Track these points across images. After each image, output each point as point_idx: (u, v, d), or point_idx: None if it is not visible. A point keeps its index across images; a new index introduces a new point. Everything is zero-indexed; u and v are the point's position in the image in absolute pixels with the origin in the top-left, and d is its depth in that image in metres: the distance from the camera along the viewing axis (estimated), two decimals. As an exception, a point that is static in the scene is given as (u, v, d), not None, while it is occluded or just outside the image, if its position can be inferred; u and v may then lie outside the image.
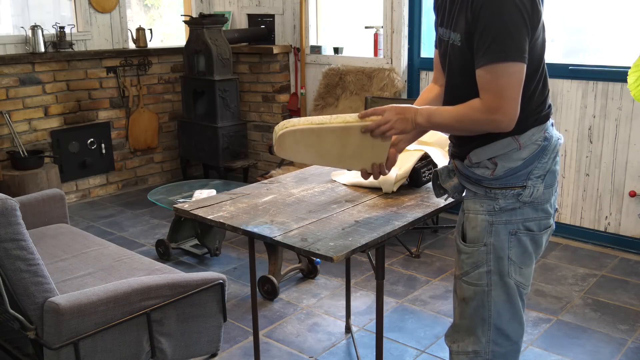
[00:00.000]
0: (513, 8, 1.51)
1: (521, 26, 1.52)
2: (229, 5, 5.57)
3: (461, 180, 1.77)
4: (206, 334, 2.42)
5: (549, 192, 1.72)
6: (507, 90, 1.55)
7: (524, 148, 1.66)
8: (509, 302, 1.75)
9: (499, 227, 1.70)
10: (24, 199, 3.05)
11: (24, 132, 4.58)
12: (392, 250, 3.85)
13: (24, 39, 4.56)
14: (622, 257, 3.74)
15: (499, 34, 1.52)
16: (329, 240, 1.72)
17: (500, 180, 1.68)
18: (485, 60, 1.55)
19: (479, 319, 1.76)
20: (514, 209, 1.69)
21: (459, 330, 1.82)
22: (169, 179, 5.57)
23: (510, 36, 1.52)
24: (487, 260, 1.72)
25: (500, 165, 1.67)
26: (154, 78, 5.36)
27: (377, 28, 4.59)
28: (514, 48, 1.52)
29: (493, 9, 1.52)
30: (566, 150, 3.91)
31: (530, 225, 1.72)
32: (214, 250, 3.73)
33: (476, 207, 1.72)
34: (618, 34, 3.93)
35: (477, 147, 1.69)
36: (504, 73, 1.54)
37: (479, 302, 1.75)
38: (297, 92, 5.20)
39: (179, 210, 2.03)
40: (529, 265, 1.76)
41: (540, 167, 1.68)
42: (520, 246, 1.72)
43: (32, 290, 1.99)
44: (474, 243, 1.73)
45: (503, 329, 1.77)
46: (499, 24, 1.52)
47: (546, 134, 1.69)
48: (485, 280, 1.73)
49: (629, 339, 2.83)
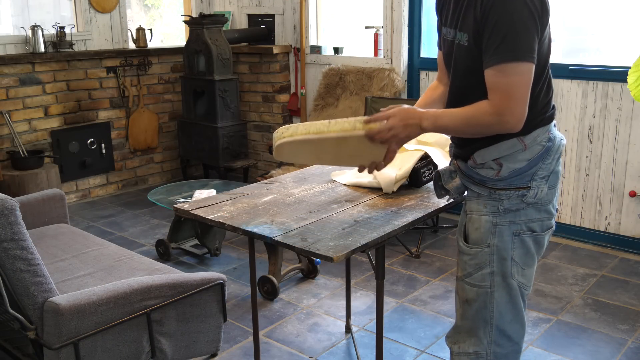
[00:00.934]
0: (523, 8, 1.50)
1: (531, 26, 1.52)
2: (229, 5, 5.57)
3: (464, 181, 1.77)
4: (206, 334, 2.42)
5: (552, 192, 1.72)
6: (516, 90, 1.54)
7: (528, 149, 1.66)
8: (511, 302, 1.75)
9: (503, 228, 1.70)
10: (24, 199, 3.05)
11: (24, 132, 4.58)
12: (392, 250, 3.85)
13: (24, 39, 4.56)
14: (622, 257, 3.74)
15: (508, 33, 1.51)
16: (329, 240, 1.71)
17: (505, 181, 1.68)
18: (494, 60, 1.53)
19: (481, 321, 1.76)
20: (517, 209, 1.69)
21: (460, 331, 1.82)
22: (169, 179, 5.57)
23: (520, 36, 1.51)
24: (490, 261, 1.71)
25: (505, 166, 1.66)
26: (154, 78, 5.36)
27: (377, 28, 4.59)
28: (523, 48, 1.52)
29: (503, 8, 1.51)
30: (566, 150, 3.91)
31: (533, 226, 1.71)
32: (214, 250, 3.73)
33: (479, 208, 1.72)
34: (618, 34, 3.93)
35: (482, 148, 1.69)
36: (514, 72, 1.53)
37: (481, 303, 1.75)
38: (297, 92, 5.20)
39: (179, 210, 2.03)
40: (531, 266, 1.76)
41: (544, 168, 1.68)
42: (524, 247, 1.72)
43: (32, 290, 1.99)
44: (477, 244, 1.72)
45: (505, 330, 1.77)
46: (509, 23, 1.51)
47: (550, 135, 1.69)
48: (488, 282, 1.73)
49: (629, 339, 2.83)
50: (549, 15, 1.57)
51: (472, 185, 1.74)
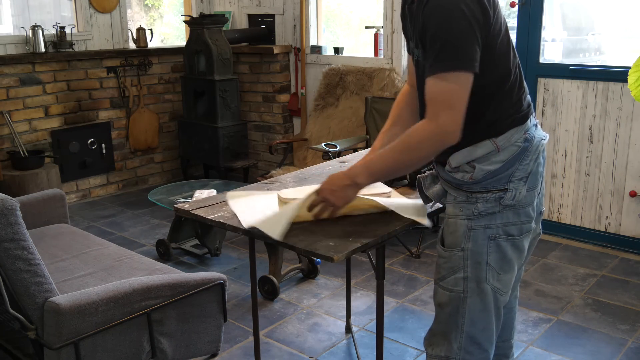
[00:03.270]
0: (461, 18, 1.48)
1: (470, 36, 1.50)
2: (229, 5, 5.57)
3: (444, 185, 1.75)
4: (206, 334, 2.42)
5: (531, 194, 1.68)
6: (454, 100, 1.52)
7: (502, 150, 1.63)
8: (484, 310, 1.72)
9: (478, 232, 1.67)
10: (24, 199, 3.05)
11: (24, 132, 4.59)
12: (392, 250, 3.86)
13: (25, 39, 4.56)
14: (623, 257, 3.74)
15: (447, 43, 1.49)
16: (329, 240, 1.71)
17: (481, 183, 1.65)
18: (434, 69, 1.52)
19: (453, 325, 1.74)
20: (493, 213, 1.66)
21: (435, 334, 1.81)
22: (169, 179, 5.57)
23: (458, 46, 1.49)
24: (463, 265, 1.69)
25: (478, 168, 1.64)
26: (154, 78, 5.36)
27: (377, 28, 4.59)
28: (463, 57, 1.50)
29: (442, 19, 1.49)
30: (566, 150, 3.91)
31: (510, 230, 1.68)
32: (214, 250, 3.73)
33: (455, 212, 1.70)
34: (618, 34, 3.93)
35: (455, 151, 1.66)
36: (452, 81, 1.51)
37: (453, 308, 1.73)
38: (297, 92, 5.20)
39: (180, 210, 2.03)
40: (508, 272, 1.72)
41: (521, 169, 1.65)
42: (499, 252, 1.69)
43: (33, 290, 1.99)
44: (451, 248, 1.71)
45: (476, 337, 1.75)
46: (447, 33, 1.49)
47: (527, 135, 1.66)
48: (461, 287, 1.71)
49: (629, 339, 2.83)
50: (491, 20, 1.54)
51: (451, 189, 1.72)
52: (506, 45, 1.62)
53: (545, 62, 3.96)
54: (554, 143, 3.95)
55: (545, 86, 3.91)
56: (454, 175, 1.69)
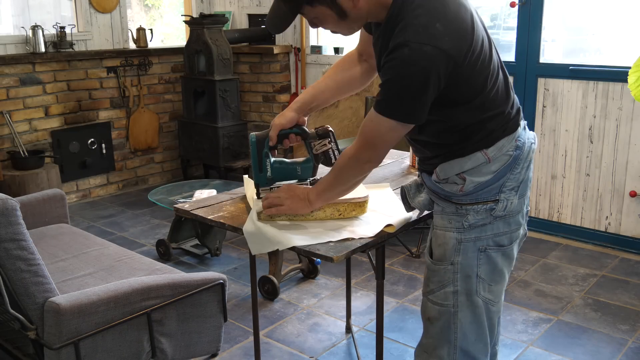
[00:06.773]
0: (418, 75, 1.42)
1: (419, 93, 1.45)
2: (229, 5, 5.57)
3: (431, 195, 1.70)
4: (206, 334, 2.42)
5: (521, 202, 1.64)
6: (377, 141, 1.55)
7: (493, 161, 1.58)
8: (476, 322, 1.68)
9: (468, 245, 1.62)
10: (24, 199, 3.05)
11: (24, 132, 4.59)
12: (392, 250, 3.86)
13: (25, 39, 4.56)
14: (623, 257, 3.74)
15: (394, 93, 1.47)
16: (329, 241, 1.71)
17: (471, 195, 1.59)
18: (375, 105, 1.52)
19: (445, 341, 1.70)
20: (484, 224, 1.61)
21: (426, 349, 1.76)
22: (169, 179, 5.57)
23: (403, 97, 1.46)
24: (453, 279, 1.65)
25: (468, 180, 1.58)
26: (154, 78, 5.36)
27: (378, 28, 4.58)
28: (403, 110, 1.48)
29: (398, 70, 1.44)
30: (566, 150, 3.91)
31: (501, 240, 1.64)
32: (214, 251, 3.73)
33: (444, 224, 1.65)
34: (618, 34, 3.93)
35: (443, 162, 1.62)
36: (383, 126, 1.51)
37: (445, 323, 1.68)
38: (297, 92, 5.20)
39: (180, 210, 2.03)
40: (500, 282, 1.69)
41: (513, 179, 1.60)
42: (490, 263, 1.64)
43: (33, 290, 1.99)
44: (440, 261, 1.66)
45: (469, 350, 1.70)
46: (397, 86, 1.46)
47: (517, 142, 1.61)
48: (451, 301, 1.66)
49: (629, 339, 2.83)
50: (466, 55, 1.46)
51: (438, 200, 1.67)
52: (487, 64, 1.54)
53: (545, 62, 3.96)
54: (554, 143, 3.95)
55: (546, 86, 3.91)
56: (442, 186, 1.63)
